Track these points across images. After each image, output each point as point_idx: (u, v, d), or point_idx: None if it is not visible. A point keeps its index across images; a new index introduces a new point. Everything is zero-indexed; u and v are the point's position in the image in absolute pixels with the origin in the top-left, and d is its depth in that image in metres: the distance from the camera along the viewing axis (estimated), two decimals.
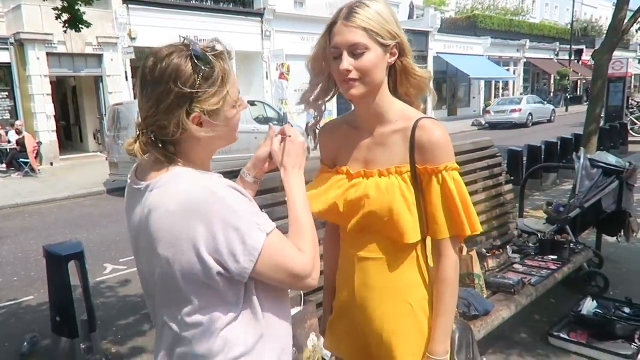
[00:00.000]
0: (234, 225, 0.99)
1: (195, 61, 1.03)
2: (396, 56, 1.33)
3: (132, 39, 15.58)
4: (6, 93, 14.52)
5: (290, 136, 1.29)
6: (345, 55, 1.27)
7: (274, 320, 1.14)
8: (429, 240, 1.39)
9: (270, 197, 2.44)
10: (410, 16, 30.20)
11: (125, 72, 15.72)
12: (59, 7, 4.22)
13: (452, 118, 27.52)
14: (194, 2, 17.72)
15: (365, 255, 1.40)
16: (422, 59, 25.71)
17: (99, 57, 15.34)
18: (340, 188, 1.40)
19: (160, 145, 1.07)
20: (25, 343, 3.63)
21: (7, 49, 13.92)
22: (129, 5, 15.53)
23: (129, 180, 1.16)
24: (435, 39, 26.72)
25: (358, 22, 1.25)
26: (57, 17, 4.26)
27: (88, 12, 4.55)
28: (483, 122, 23.11)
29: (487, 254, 3.38)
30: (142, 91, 1.06)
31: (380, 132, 1.39)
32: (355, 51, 1.26)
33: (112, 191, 10.50)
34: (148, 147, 1.06)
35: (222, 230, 0.99)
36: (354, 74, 1.28)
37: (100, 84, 15.67)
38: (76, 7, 4.19)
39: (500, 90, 32.59)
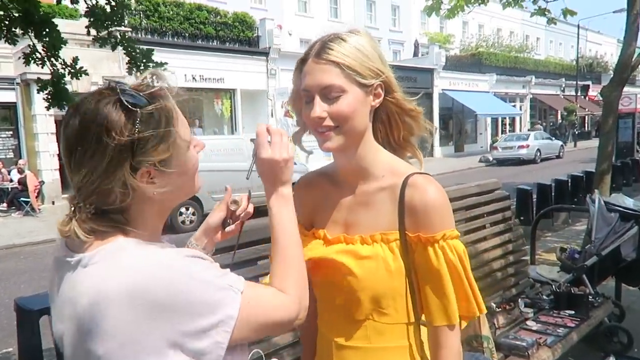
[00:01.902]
0: (202, 300, 0.83)
1: (128, 105, 0.83)
2: (381, 97, 1.11)
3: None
4: (11, 132, 14.67)
5: (248, 205, 1.12)
6: (317, 99, 1.05)
7: None
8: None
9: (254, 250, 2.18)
10: (415, 54, 30.66)
11: None
12: (42, 80, 3.61)
13: (459, 154, 27.48)
14: (200, 42, 18.01)
15: (345, 343, 1.14)
16: (427, 96, 25.87)
17: None
18: (315, 256, 1.15)
19: (104, 216, 0.86)
20: None
21: (14, 89, 14.12)
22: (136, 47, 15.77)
23: (57, 252, 0.94)
24: (440, 76, 26.96)
25: (332, 59, 1.04)
26: (39, 90, 3.65)
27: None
28: (491, 159, 22.91)
29: (497, 310, 3.06)
30: (69, 157, 0.86)
31: (364, 190, 1.15)
32: (330, 95, 1.05)
33: None
34: (89, 224, 0.85)
35: (188, 314, 0.81)
36: (328, 122, 1.06)
37: None
38: (62, 82, 3.60)
39: (508, 127, 32.52)
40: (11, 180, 13.28)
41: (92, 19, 3.70)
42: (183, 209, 10.31)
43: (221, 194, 1.05)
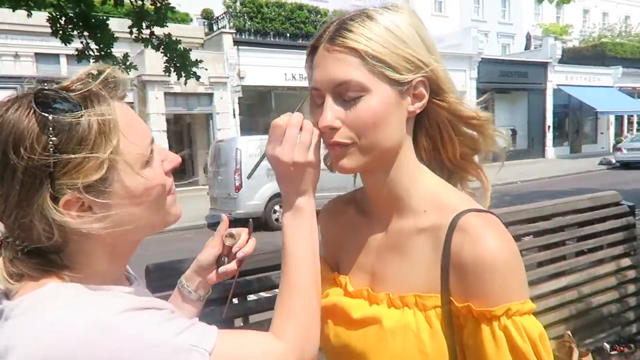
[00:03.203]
0: None
1: (42, 113, 0.63)
2: (424, 100, 0.81)
3: (241, 78, 16.37)
4: None
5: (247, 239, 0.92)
6: (328, 102, 0.78)
7: None
8: None
9: None
10: (527, 47, 28.58)
11: (233, 109, 16.57)
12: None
13: (576, 156, 25.23)
14: (301, 41, 18.26)
15: None
16: (539, 92, 23.90)
17: (210, 96, 16.38)
18: (330, 311, 0.88)
19: (37, 256, 0.68)
20: None
21: (132, 89, 15.32)
22: (239, 47, 16.41)
23: None
24: (555, 70, 24.84)
25: (350, 44, 0.75)
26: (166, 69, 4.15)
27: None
28: (613, 161, 20.51)
29: (612, 352, 2.54)
30: None
31: (398, 229, 0.86)
32: (346, 95, 0.77)
33: (212, 226, 10.74)
34: (18, 265, 0.68)
35: None
36: (344, 133, 0.78)
37: (211, 121, 16.76)
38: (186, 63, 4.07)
39: (635, 126, 29.07)
40: None
41: (134, 19, 3.90)
42: (277, 207, 10.17)
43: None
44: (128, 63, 3.95)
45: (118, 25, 4.74)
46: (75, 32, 3.67)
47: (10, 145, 0.63)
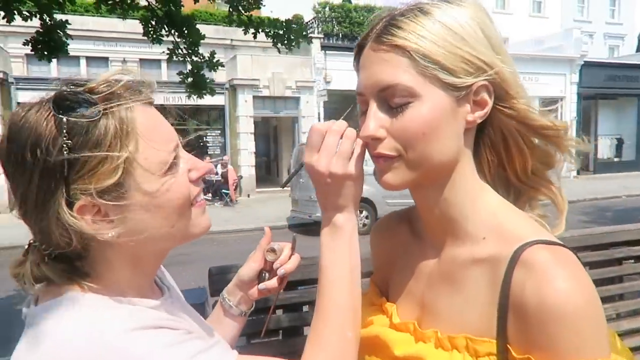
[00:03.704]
0: None
1: (59, 115, 0.61)
2: (487, 107, 0.69)
3: (327, 82, 16.54)
4: (219, 131, 16.87)
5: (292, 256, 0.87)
6: (372, 108, 0.69)
7: None
8: None
9: None
10: (638, 49, 25.98)
11: (319, 113, 16.79)
12: (183, 73, 4.23)
13: None
14: None
15: None
16: None
17: (297, 100, 16.75)
18: (372, 343, 0.79)
19: (62, 261, 0.67)
20: None
21: (223, 93, 16.13)
22: (327, 52, 16.61)
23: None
24: None
25: (398, 42, 0.66)
26: (182, 81, 4.21)
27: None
28: None
29: None
30: (9, 183, 0.67)
31: (452, 255, 0.75)
32: (392, 101, 0.68)
33: (293, 227, 10.94)
34: (44, 270, 0.67)
35: None
36: (389, 145, 0.69)
37: (296, 124, 17.12)
38: (201, 73, 4.11)
39: None
40: (217, 174, 15.18)
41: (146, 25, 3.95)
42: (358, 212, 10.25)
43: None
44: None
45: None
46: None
47: (29, 147, 0.62)
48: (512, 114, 0.71)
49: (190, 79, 4.15)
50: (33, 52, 3.67)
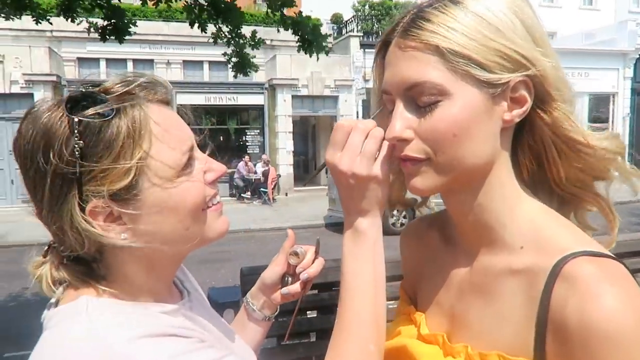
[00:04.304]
0: None
1: (72, 115, 0.61)
2: (526, 106, 0.64)
3: (366, 81, 16.44)
4: (258, 131, 17.08)
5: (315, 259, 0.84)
6: (398, 108, 0.65)
7: None
8: None
9: None
10: None
11: (357, 112, 16.71)
12: (228, 54, 4.62)
13: None
14: None
15: None
16: None
17: (335, 99, 16.73)
18: (398, 355, 0.75)
19: (81, 264, 0.67)
20: None
21: (262, 93, 16.34)
22: (366, 50, 16.50)
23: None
24: None
25: (426, 37, 0.62)
26: (228, 61, 4.64)
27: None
28: None
29: None
30: (24, 182, 0.68)
31: (486, 265, 0.70)
32: (420, 99, 0.63)
33: (330, 226, 10.92)
34: (63, 272, 0.67)
35: None
36: (415, 148, 0.64)
37: (335, 122, 16.97)
38: (244, 52, 4.47)
39: None
40: (255, 172, 15.39)
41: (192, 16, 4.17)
42: (395, 211, 10.09)
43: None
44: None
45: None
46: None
47: (42, 148, 0.62)
48: (546, 120, 0.65)
49: (234, 59, 4.58)
50: (101, 39, 4.17)
